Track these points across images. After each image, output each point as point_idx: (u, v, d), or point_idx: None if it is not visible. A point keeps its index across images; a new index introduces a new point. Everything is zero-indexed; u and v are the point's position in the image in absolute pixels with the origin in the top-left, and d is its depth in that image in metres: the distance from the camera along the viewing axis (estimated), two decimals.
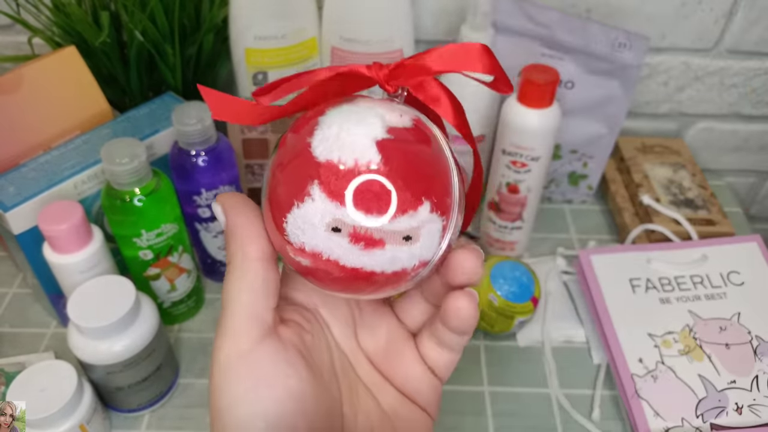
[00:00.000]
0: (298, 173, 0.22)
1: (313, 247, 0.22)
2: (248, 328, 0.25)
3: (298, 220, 0.22)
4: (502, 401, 0.52)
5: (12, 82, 0.52)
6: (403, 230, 0.22)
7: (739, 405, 0.49)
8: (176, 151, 0.52)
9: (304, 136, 0.23)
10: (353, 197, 0.21)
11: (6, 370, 0.52)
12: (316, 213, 0.22)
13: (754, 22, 0.65)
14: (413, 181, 0.22)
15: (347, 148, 0.22)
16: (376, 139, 0.22)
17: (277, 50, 0.58)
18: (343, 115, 0.23)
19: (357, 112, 0.23)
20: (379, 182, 0.22)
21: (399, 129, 0.23)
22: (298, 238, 0.22)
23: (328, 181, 0.22)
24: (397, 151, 0.22)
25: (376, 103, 0.24)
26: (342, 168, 0.22)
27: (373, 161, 0.22)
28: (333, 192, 0.22)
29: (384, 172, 0.22)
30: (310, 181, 0.22)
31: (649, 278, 0.57)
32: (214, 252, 0.58)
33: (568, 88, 0.62)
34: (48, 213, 0.47)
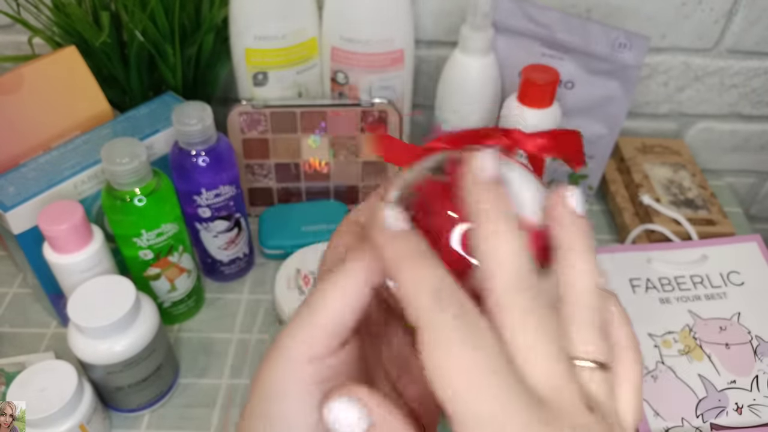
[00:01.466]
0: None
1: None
2: (329, 342, 0.23)
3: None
4: None
5: (12, 82, 0.52)
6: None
7: (739, 405, 0.49)
8: (176, 151, 0.52)
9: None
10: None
11: (6, 370, 0.52)
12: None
13: (754, 22, 0.65)
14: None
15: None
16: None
17: (277, 50, 0.58)
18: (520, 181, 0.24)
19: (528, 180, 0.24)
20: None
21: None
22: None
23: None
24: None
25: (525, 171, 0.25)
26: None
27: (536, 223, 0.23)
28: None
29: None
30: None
31: (649, 278, 0.57)
32: (214, 252, 0.58)
33: (568, 88, 0.62)
34: (48, 213, 0.47)
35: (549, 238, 0.23)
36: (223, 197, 0.54)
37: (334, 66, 0.61)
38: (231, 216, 0.56)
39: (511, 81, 0.63)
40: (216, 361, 0.55)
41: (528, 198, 0.23)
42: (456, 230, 0.22)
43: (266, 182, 0.66)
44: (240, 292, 0.60)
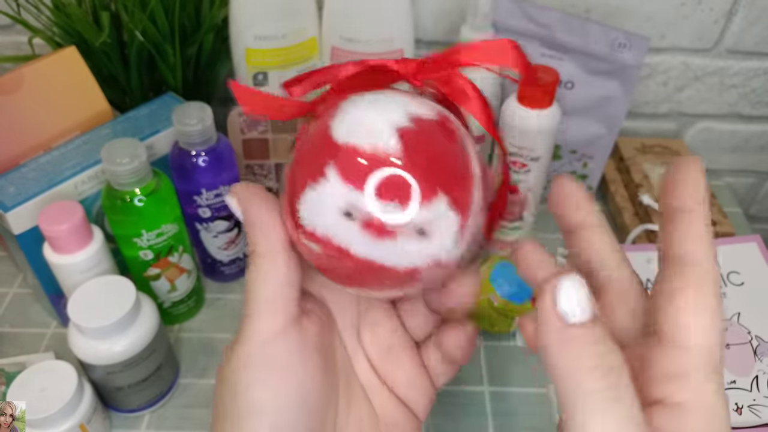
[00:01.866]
0: (316, 154, 0.22)
1: (324, 231, 0.22)
2: (272, 317, 0.24)
3: (311, 201, 0.22)
4: (502, 401, 0.52)
5: (12, 82, 0.52)
6: (417, 222, 0.21)
7: (739, 405, 0.49)
8: (176, 151, 0.52)
9: (325, 120, 0.22)
10: (368, 183, 0.21)
11: (6, 370, 0.52)
12: (331, 195, 0.21)
13: (754, 22, 0.65)
14: (431, 172, 0.21)
15: (367, 133, 0.21)
16: (398, 127, 0.21)
17: (277, 50, 0.58)
18: (366, 101, 0.22)
19: (381, 100, 0.22)
20: (395, 170, 0.21)
21: (422, 120, 0.22)
22: (310, 222, 0.22)
23: (344, 164, 0.21)
24: (417, 141, 0.21)
25: (401, 93, 0.23)
26: (360, 152, 0.21)
27: (392, 148, 0.21)
28: (349, 175, 0.21)
29: (402, 160, 0.21)
30: (326, 163, 0.21)
31: (649, 278, 0.57)
32: (215, 252, 0.58)
33: (568, 88, 0.62)
34: (48, 213, 0.47)
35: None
36: (223, 197, 0.54)
37: None
38: (231, 216, 0.56)
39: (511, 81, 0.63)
40: (216, 361, 0.55)
41: (382, 117, 0.22)
42: (308, 128, 0.23)
43: (266, 182, 0.66)
44: (240, 292, 0.60)
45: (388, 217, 0.21)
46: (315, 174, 0.21)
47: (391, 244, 0.21)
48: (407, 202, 0.21)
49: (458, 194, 0.22)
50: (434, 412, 0.51)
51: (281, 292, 0.25)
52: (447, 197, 0.21)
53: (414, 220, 0.21)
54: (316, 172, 0.21)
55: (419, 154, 0.21)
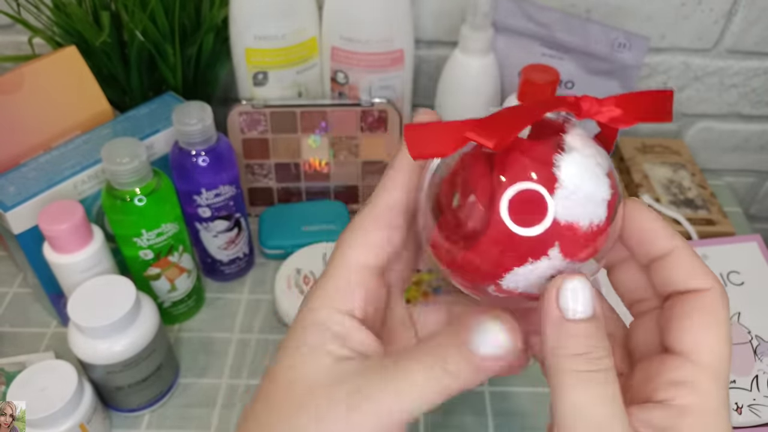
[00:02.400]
0: (537, 237, 0.22)
1: (524, 289, 0.24)
2: (390, 235, 0.26)
3: (527, 272, 0.23)
4: (502, 401, 0.52)
5: (12, 82, 0.52)
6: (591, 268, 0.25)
7: (739, 405, 0.49)
8: (176, 150, 0.52)
9: (541, 193, 0.22)
10: (577, 252, 0.23)
11: (6, 370, 0.52)
12: (548, 268, 0.23)
13: (754, 22, 0.65)
14: (611, 233, 0.24)
15: (584, 208, 0.23)
16: (608, 200, 0.23)
17: (277, 50, 0.58)
18: (577, 165, 0.23)
19: (589, 166, 0.23)
20: (600, 237, 0.23)
21: (615, 185, 0.24)
22: (514, 284, 0.23)
23: (566, 243, 0.22)
24: (612, 208, 0.23)
25: (592, 148, 0.24)
26: (579, 231, 0.23)
27: (601, 220, 0.23)
28: (568, 253, 0.23)
29: (603, 230, 0.23)
30: (551, 245, 0.22)
31: None
32: (214, 252, 0.58)
33: (568, 88, 0.62)
34: (48, 213, 0.47)
35: (611, 232, 0.24)
36: (223, 197, 0.54)
37: (334, 66, 0.61)
38: (231, 216, 0.56)
39: (510, 81, 0.63)
40: (216, 361, 0.55)
41: (598, 191, 0.23)
42: (504, 197, 0.22)
43: (266, 182, 0.66)
44: (240, 292, 0.61)
45: (570, 268, 0.23)
46: (537, 253, 0.23)
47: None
48: (589, 258, 0.24)
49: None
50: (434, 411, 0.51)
51: (405, 207, 0.26)
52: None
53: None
54: (537, 252, 0.23)
55: (613, 221, 0.24)
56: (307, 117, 0.61)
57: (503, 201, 0.22)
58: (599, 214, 0.23)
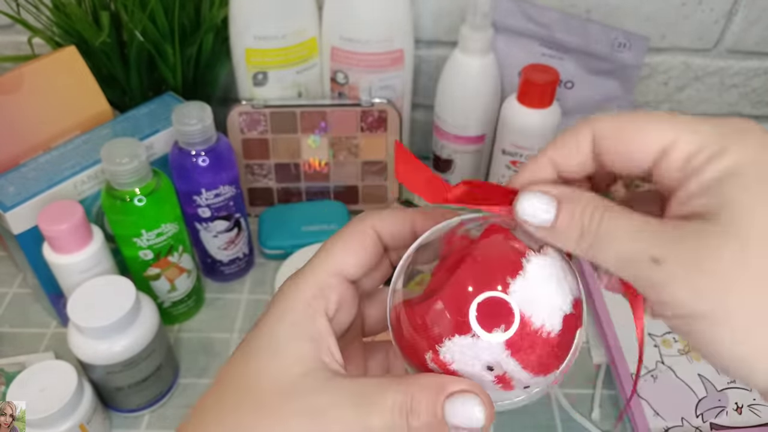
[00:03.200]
0: (495, 305, 0.23)
1: (459, 369, 0.24)
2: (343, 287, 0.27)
3: (464, 347, 0.23)
4: None
5: (12, 82, 0.52)
6: (533, 385, 0.24)
7: (739, 405, 0.49)
8: (176, 151, 0.52)
9: (504, 273, 0.24)
10: (527, 358, 0.23)
11: (6, 370, 0.52)
12: (485, 351, 0.23)
13: (754, 22, 0.65)
14: (564, 352, 0.24)
15: (541, 311, 0.23)
16: (565, 313, 0.24)
17: (277, 50, 0.58)
18: (546, 273, 0.24)
19: (556, 276, 0.24)
20: (550, 350, 0.23)
21: (576, 302, 0.24)
22: (450, 357, 0.24)
23: (513, 331, 0.23)
24: (569, 328, 0.24)
25: (562, 263, 0.25)
26: (532, 331, 0.23)
27: (555, 331, 0.23)
28: (514, 349, 0.23)
29: (555, 343, 0.23)
30: (497, 322, 0.23)
31: None
32: (214, 252, 0.58)
33: (568, 88, 0.62)
34: (48, 213, 0.47)
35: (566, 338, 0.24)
36: (223, 197, 0.54)
37: (333, 66, 0.61)
38: (231, 216, 0.56)
39: (510, 81, 0.63)
40: (216, 361, 0.55)
41: (554, 302, 0.24)
42: (473, 304, 0.23)
43: (266, 182, 0.66)
44: (240, 292, 0.60)
45: (523, 380, 0.24)
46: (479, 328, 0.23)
47: (508, 393, 0.24)
48: (543, 374, 0.24)
49: (563, 362, 0.25)
50: None
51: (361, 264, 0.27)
52: (558, 368, 0.24)
53: (537, 385, 0.24)
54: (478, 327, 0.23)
55: (567, 336, 0.24)
56: (307, 117, 0.61)
57: (471, 308, 0.23)
58: (553, 323, 0.23)
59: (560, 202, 0.24)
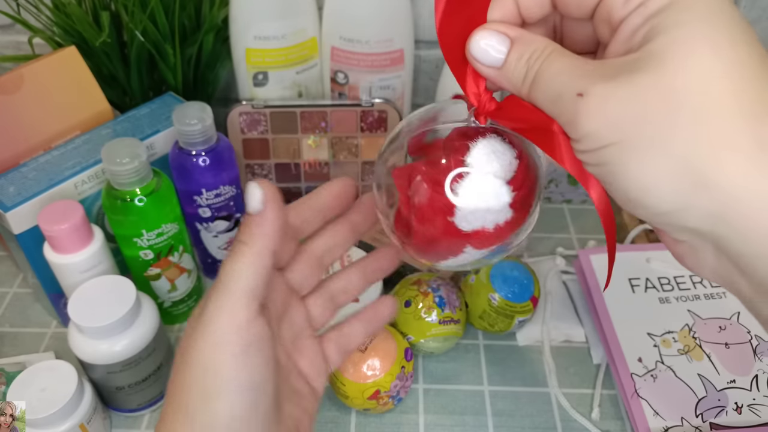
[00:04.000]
0: (449, 240, 0.29)
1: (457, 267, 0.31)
2: (249, 306, 0.28)
3: (451, 263, 0.30)
4: (502, 401, 0.52)
5: (12, 82, 0.52)
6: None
7: (739, 404, 0.49)
8: (176, 151, 0.52)
9: (442, 195, 0.28)
10: (485, 246, 0.29)
11: (6, 370, 0.52)
12: (469, 259, 0.30)
13: (754, 22, 0.65)
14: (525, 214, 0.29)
15: (489, 220, 0.28)
16: (507, 203, 0.28)
17: (277, 50, 0.58)
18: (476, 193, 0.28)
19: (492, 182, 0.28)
20: (506, 234, 0.29)
21: (517, 177, 0.28)
22: (446, 267, 0.31)
23: (478, 243, 0.29)
24: (519, 203, 0.28)
25: (496, 151, 0.28)
26: (486, 232, 0.28)
27: (507, 218, 0.28)
28: (481, 247, 0.29)
29: (510, 223, 0.28)
30: (464, 245, 0.29)
31: (649, 278, 0.57)
32: (215, 252, 0.58)
33: None
34: (48, 213, 0.47)
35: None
36: (223, 197, 0.54)
37: (334, 66, 0.61)
38: (231, 216, 0.56)
39: None
40: None
41: (495, 202, 0.28)
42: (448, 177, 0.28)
43: None
44: None
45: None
46: (455, 252, 0.30)
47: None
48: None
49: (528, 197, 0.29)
50: (434, 411, 0.51)
51: (262, 284, 0.28)
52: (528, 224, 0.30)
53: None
54: (456, 251, 0.30)
55: (523, 199, 0.29)
56: (307, 117, 0.61)
57: (447, 182, 0.28)
58: (502, 217, 0.28)
59: (513, 43, 0.24)
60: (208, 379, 0.27)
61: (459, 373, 0.54)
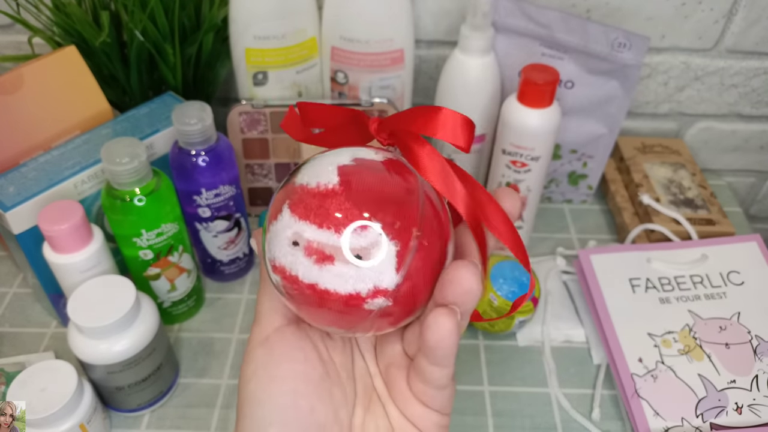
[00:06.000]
0: (278, 197, 0.25)
1: (281, 262, 0.24)
2: (271, 318, 0.28)
3: (272, 237, 0.25)
4: (502, 401, 0.52)
5: (12, 82, 0.52)
6: (353, 247, 0.23)
7: (739, 405, 0.49)
8: (176, 150, 0.52)
9: (295, 170, 0.26)
10: (308, 212, 0.24)
11: (6, 370, 0.52)
12: (283, 228, 0.24)
13: (754, 22, 0.65)
14: (366, 200, 0.23)
15: (314, 173, 0.24)
16: (339, 164, 0.24)
17: (277, 50, 0.58)
18: (327, 153, 0.26)
19: (337, 152, 0.25)
20: (332, 199, 0.23)
21: (365, 160, 0.25)
22: (272, 255, 0.25)
23: (294, 200, 0.24)
24: (354, 174, 0.24)
25: (363, 148, 0.26)
26: (307, 189, 0.24)
27: (331, 182, 0.24)
28: (295, 209, 0.24)
29: (339, 191, 0.24)
30: (283, 202, 0.25)
31: (649, 278, 0.57)
32: (214, 252, 0.58)
33: (568, 88, 0.62)
34: (48, 213, 0.47)
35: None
36: (223, 197, 0.54)
37: (334, 66, 0.61)
38: (231, 216, 0.56)
39: (511, 81, 0.63)
40: (216, 361, 0.55)
41: (326, 162, 0.25)
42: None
43: (266, 182, 0.66)
44: (240, 292, 0.61)
45: (325, 242, 0.23)
46: (275, 214, 0.25)
47: (331, 268, 0.23)
48: (341, 228, 0.23)
49: (393, 222, 0.23)
50: None
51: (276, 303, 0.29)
52: (380, 223, 0.23)
53: (346, 245, 0.23)
54: (276, 213, 0.25)
55: (355, 185, 0.24)
56: None
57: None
58: (329, 176, 0.24)
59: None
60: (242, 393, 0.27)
61: (459, 373, 0.54)
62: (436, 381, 0.26)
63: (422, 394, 0.27)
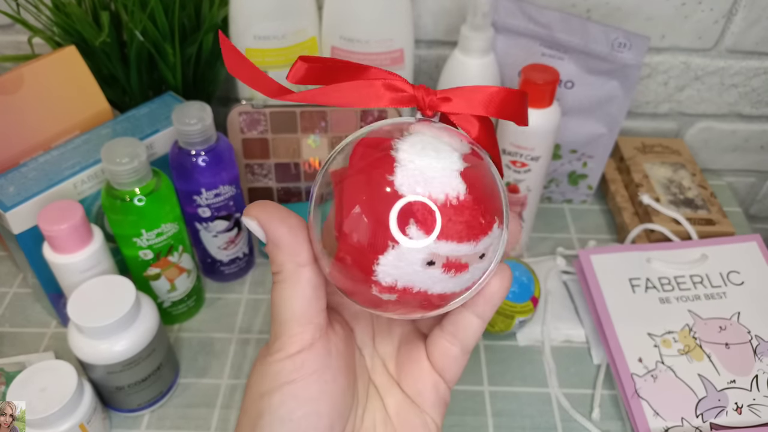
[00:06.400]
0: (388, 213, 0.22)
1: (406, 283, 0.23)
2: (301, 333, 0.26)
3: (393, 260, 0.22)
4: (502, 401, 0.52)
5: (12, 82, 0.52)
6: (483, 250, 0.23)
7: (739, 405, 0.49)
8: (176, 150, 0.52)
9: (383, 174, 0.22)
10: (445, 230, 0.22)
11: (6, 370, 0.52)
12: (415, 251, 0.22)
13: (754, 22, 0.65)
14: (490, 203, 0.23)
15: (429, 184, 0.22)
16: (459, 171, 0.23)
17: (277, 50, 0.58)
18: (418, 149, 0.23)
19: (430, 145, 0.23)
20: (469, 211, 0.22)
21: (468, 155, 0.24)
22: (390, 278, 0.23)
23: (423, 218, 0.22)
24: (475, 179, 0.23)
25: (435, 130, 0.24)
26: (432, 203, 0.22)
27: (460, 192, 0.22)
28: (429, 228, 0.22)
29: (470, 202, 0.23)
30: (406, 221, 0.22)
31: (649, 278, 0.57)
32: (214, 252, 0.58)
33: (568, 88, 0.62)
34: (48, 213, 0.47)
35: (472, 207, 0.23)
36: (222, 197, 0.54)
37: None
38: (231, 216, 0.56)
39: (511, 81, 0.63)
40: (216, 361, 0.55)
41: (440, 167, 0.23)
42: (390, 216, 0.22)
43: (266, 182, 0.66)
44: (240, 292, 0.61)
45: (465, 255, 0.23)
46: (384, 236, 0.22)
47: (464, 275, 0.23)
48: (480, 236, 0.23)
49: (501, 212, 0.24)
50: None
51: (307, 310, 0.26)
52: (498, 219, 0.24)
53: (482, 250, 0.23)
54: (385, 233, 0.22)
55: (479, 192, 0.23)
56: (307, 117, 0.61)
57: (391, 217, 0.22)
58: (453, 186, 0.22)
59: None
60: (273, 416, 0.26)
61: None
62: (472, 336, 0.28)
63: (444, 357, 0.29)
